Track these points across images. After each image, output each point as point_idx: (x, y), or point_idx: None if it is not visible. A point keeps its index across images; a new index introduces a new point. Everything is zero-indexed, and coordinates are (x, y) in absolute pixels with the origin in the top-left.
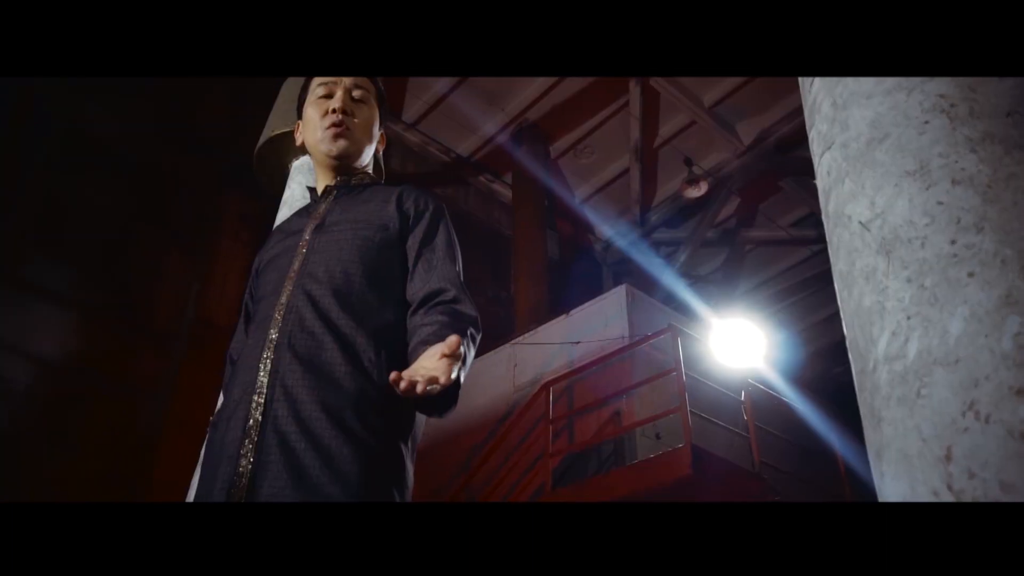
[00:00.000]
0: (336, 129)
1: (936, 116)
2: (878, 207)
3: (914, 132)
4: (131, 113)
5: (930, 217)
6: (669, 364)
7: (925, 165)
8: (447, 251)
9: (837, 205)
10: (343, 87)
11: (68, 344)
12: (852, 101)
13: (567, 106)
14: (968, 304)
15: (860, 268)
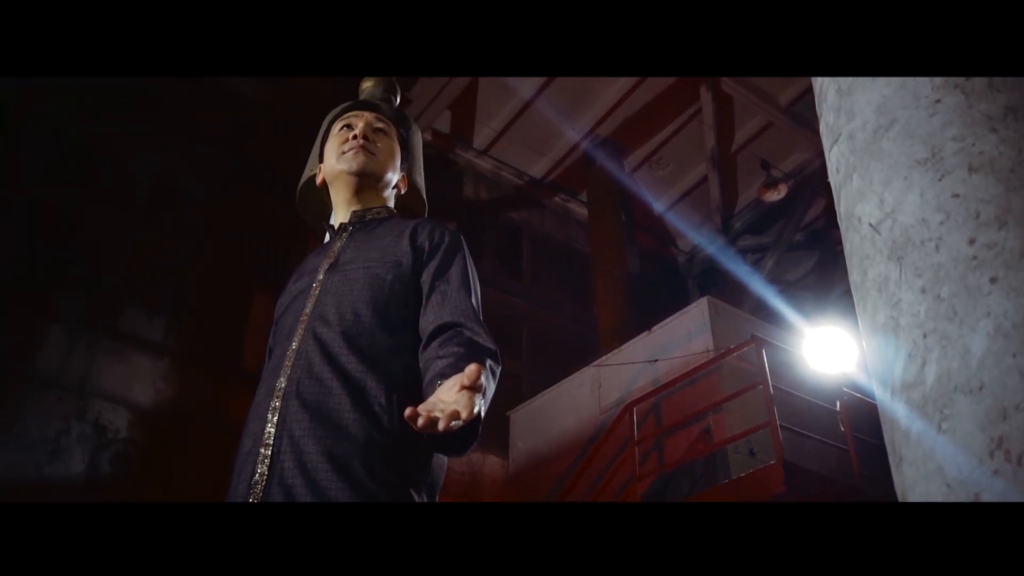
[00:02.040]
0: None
1: (949, 93)
2: (887, 205)
3: (924, 114)
4: (210, 162)
5: (944, 213)
6: (758, 376)
7: (937, 152)
8: (462, 283)
9: (847, 206)
10: (364, 119)
11: (163, 391)
12: (857, 85)
13: (638, 118)
14: (992, 317)
15: (872, 278)
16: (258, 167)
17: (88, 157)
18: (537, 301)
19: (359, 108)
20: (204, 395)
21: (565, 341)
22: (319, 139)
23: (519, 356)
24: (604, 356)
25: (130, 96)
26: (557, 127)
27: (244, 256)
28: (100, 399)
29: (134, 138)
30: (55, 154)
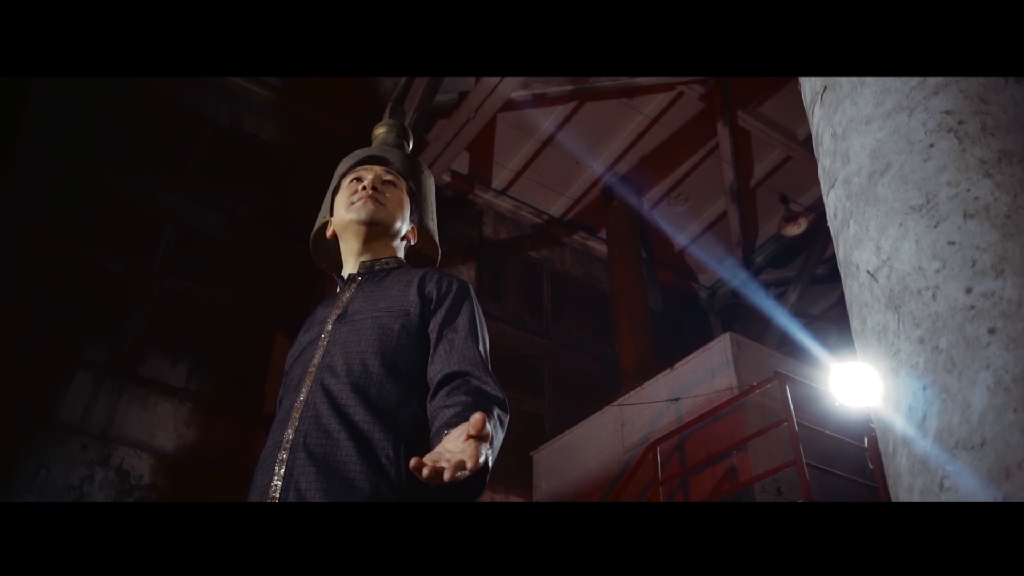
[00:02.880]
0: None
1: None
2: (884, 252)
3: (918, 159)
4: (233, 208)
5: (941, 261)
6: (783, 413)
7: (932, 198)
8: (470, 331)
9: (845, 252)
10: (374, 172)
11: (186, 436)
12: (851, 129)
13: (655, 155)
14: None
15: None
16: (279, 212)
17: (113, 205)
18: (558, 339)
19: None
20: (226, 440)
21: (587, 379)
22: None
23: (541, 395)
24: (626, 394)
25: (154, 144)
26: (575, 165)
27: (265, 301)
28: (123, 445)
29: (158, 186)
30: (80, 203)
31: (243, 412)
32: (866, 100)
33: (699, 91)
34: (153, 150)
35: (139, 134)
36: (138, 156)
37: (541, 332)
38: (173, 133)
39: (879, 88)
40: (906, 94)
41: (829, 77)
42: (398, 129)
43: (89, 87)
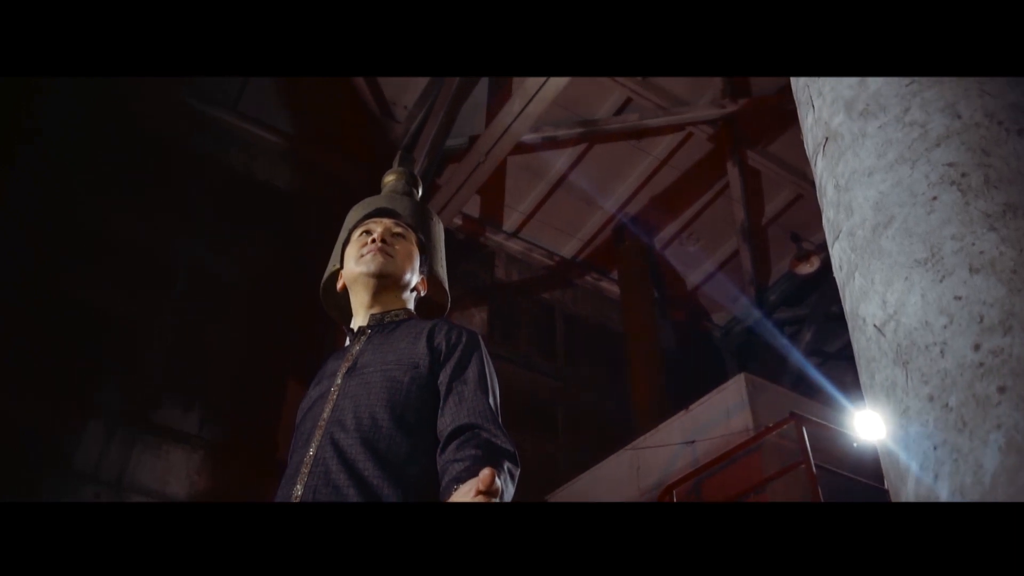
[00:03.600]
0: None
1: (946, 190)
2: (890, 306)
3: (922, 211)
4: (246, 252)
5: (948, 317)
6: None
7: (937, 251)
8: (479, 383)
9: (851, 305)
10: (383, 225)
11: (198, 483)
12: (854, 181)
13: (666, 196)
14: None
15: (880, 382)
16: (292, 258)
17: (125, 250)
18: (571, 380)
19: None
20: (238, 487)
21: (601, 420)
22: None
23: (555, 437)
24: (641, 437)
25: (166, 189)
26: (586, 207)
27: (278, 346)
28: (136, 493)
29: (171, 231)
30: (92, 248)
31: (255, 458)
32: (868, 152)
33: (708, 132)
34: (165, 195)
35: (152, 180)
36: (150, 201)
37: (554, 374)
38: (186, 178)
39: (881, 140)
40: (908, 146)
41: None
42: (407, 177)
43: (100, 132)
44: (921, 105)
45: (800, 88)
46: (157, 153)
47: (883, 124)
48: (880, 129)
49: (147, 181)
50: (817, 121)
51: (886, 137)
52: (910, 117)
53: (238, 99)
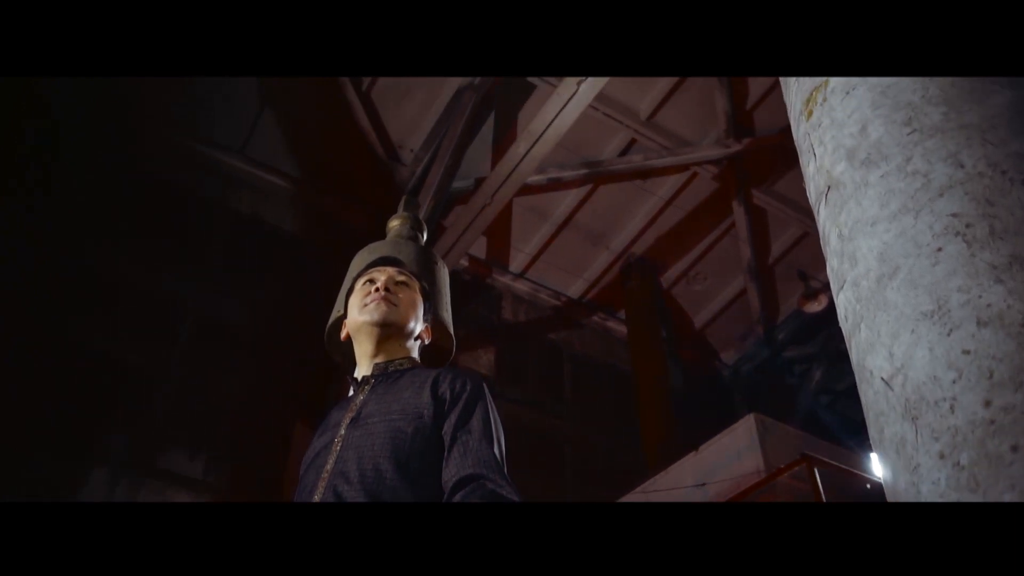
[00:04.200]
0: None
1: (950, 241)
2: (897, 359)
3: (927, 263)
4: (252, 297)
5: (956, 371)
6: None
7: (943, 304)
8: (484, 432)
9: (858, 357)
10: (387, 274)
11: None
12: (858, 230)
13: (672, 236)
14: (1016, 490)
15: (889, 437)
16: (298, 302)
17: (132, 295)
18: (580, 421)
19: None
20: None
21: (610, 460)
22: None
23: (563, 478)
24: (651, 479)
25: (173, 234)
26: (592, 248)
27: (285, 391)
28: None
29: (177, 276)
30: (99, 293)
31: (260, 501)
32: (871, 201)
33: (713, 171)
34: (173, 240)
35: (159, 225)
36: (158, 246)
37: (562, 414)
38: (193, 223)
39: (883, 189)
40: (911, 196)
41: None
42: (412, 221)
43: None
44: (923, 155)
45: (801, 136)
46: (165, 198)
47: (885, 173)
48: (882, 178)
49: (154, 226)
50: (819, 169)
51: (889, 187)
52: (912, 167)
53: (246, 144)
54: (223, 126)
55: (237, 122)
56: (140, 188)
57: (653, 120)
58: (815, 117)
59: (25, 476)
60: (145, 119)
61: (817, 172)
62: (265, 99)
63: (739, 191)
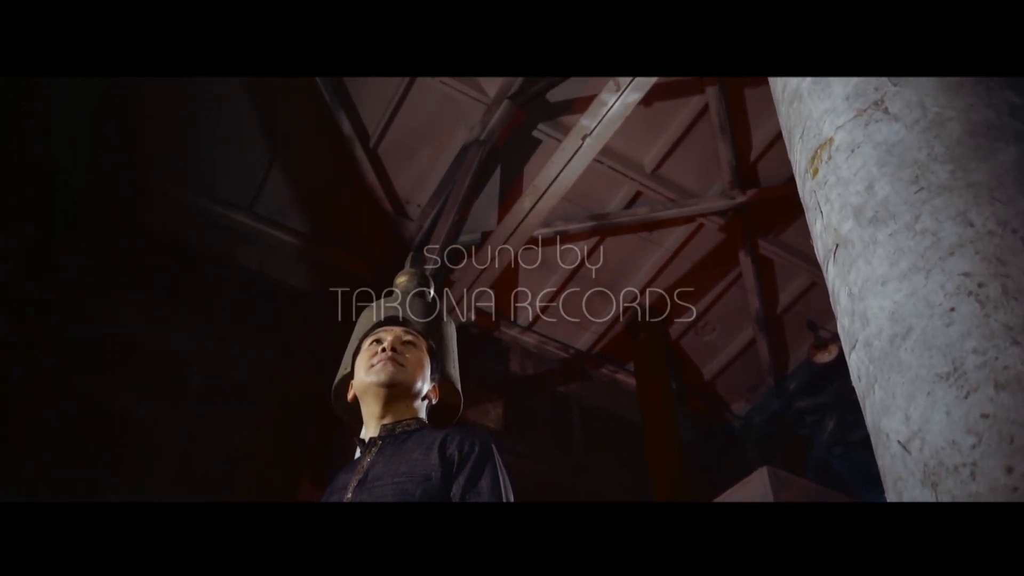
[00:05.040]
0: (385, 356)
1: (963, 301)
2: (914, 423)
3: (939, 323)
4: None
5: (975, 436)
6: None
7: (959, 366)
8: (493, 493)
9: (873, 418)
10: (393, 334)
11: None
12: (867, 290)
13: (679, 287)
14: None
15: (909, 502)
16: (306, 357)
17: (140, 352)
18: (590, 474)
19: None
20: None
21: None
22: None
23: None
24: None
25: (181, 289)
26: (599, 299)
27: (293, 447)
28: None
29: (185, 332)
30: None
31: None
32: (880, 260)
33: (718, 222)
34: (180, 297)
35: (167, 281)
36: (165, 303)
37: (572, 467)
38: (201, 280)
39: (892, 248)
40: (920, 254)
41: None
42: (419, 277)
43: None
44: (932, 213)
45: (807, 194)
46: (173, 255)
47: (894, 232)
48: (891, 237)
49: (162, 283)
50: (826, 227)
51: (898, 245)
52: (921, 225)
53: (254, 201)
54: (231, 183)
55: (245, 179)
56: (149, 245)
57: (658, 172)
58: (821, 175)
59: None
60: (152, 175)
61: (824, 230)
62: (273, 156)
63: (745, 242)
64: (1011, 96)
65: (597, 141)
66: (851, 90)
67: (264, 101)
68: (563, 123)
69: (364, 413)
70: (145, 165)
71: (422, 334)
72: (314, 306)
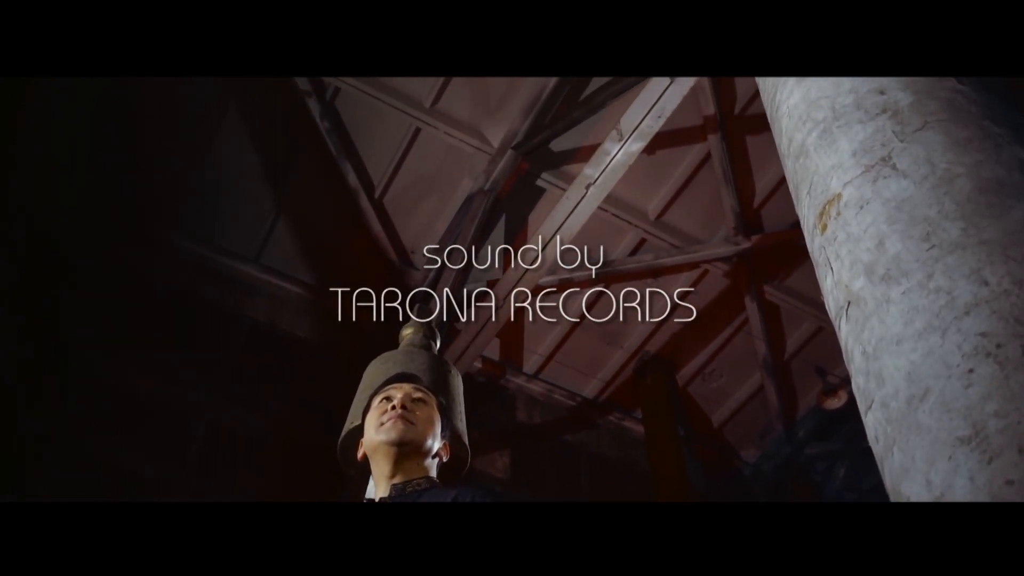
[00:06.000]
0: (395, 413)
1: (981, 362)
2: (935, 488)
3: (958, 385)
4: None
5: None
6: None
7: (981, 429)
8: None
9: (893, 482)
10: (403, 391)
11: None
12: (882, 349)
13: (685, 333)
14: None
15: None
16: (313, 409)
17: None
18: None
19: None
20: None
21: None
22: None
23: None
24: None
25: (188, 343)
26: (605, 347)
27: (299, 500)
28: None
29: (192, 386)
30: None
31: None
32: (894, 318)
33: (723, 268)
34: (187, 351)
35: (173, 335)
36: (172, 357)
37: None
38: (208, 333)
39: (906, 306)
40: (935, 314)
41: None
42: (425, 330)
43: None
44: (945, 271)
45: (816, 249)
46: (179, 307)
47: (907, 290)
48: (904, 295)
49: (168, 336)
50: (837, 284)
51: (912, 304)
52: (934, 283)
53: (260, 252)
54: (238, 235)
55: (252, 231)
56: (155, 298)
57: (662, 219)
58: (830, 231)
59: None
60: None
61: (835, 286)
62: (279, 207)
63: (751, 287)
64: (1020, 152)
65: (601, 190)
66: (857, 146)
67: (270, 152)
68: (566, 172)
69: (374, 472)
70: (151, 218)
71: (432, 391)
72: (321, 357)
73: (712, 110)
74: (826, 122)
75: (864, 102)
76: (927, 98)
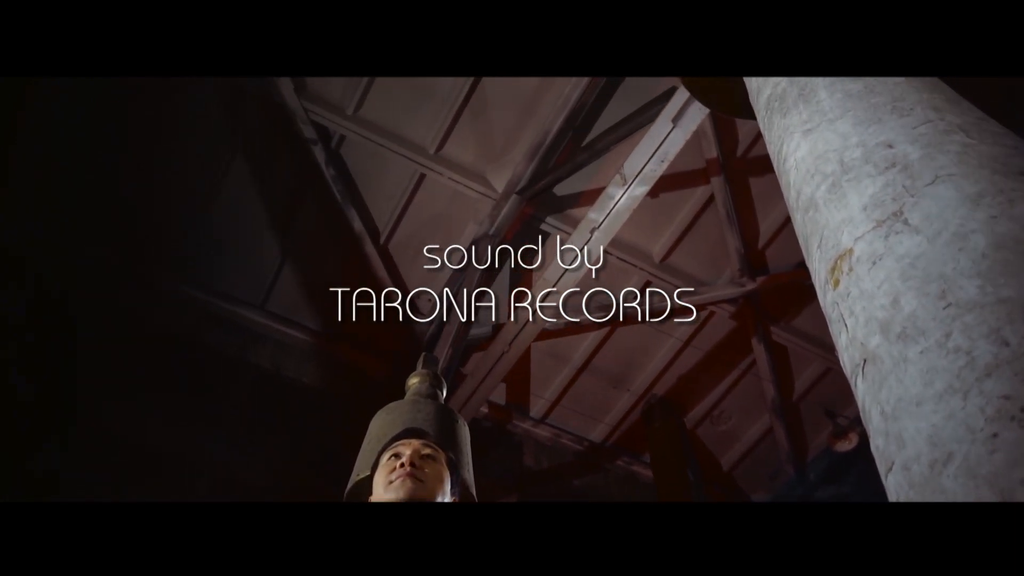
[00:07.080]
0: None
1: (1005, 426)
2: None
3: (983, 450)
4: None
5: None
6: None
7: (1009, 497)
8: None
9: None
10: (412, 447)
11: None
12: (902, 410)
13: (692, 375)
14: None
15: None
16: (319, 455)
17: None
18: None
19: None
20: None
21: None
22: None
23: None
24: None
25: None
26: (612, 391)
27: None
28: None
29: (197, 434)
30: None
31: None
32: (912, 379)
33: (730, 310)
34: (192, 398)
35: (178, 382)
36: (176, 405)
37: None
38: (213, 380)
39: (924, 367)
40: (955, 375)
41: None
42: (431, 379)
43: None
44: (963, 330)
45: (829, 305)
46: (184, 354)
47: (924, 350)
48: (922, 355)
49: (173, 384)
50: (852, 341)
51: (930, 364)
52: (953, 343)
53: (266, 299)
54: (243, 282)
55: (257, 278)
56: (158, 345)
57: (667, 262)
58: (842, 287)
59: None
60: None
61: (850, 344)
62: (284, 254)
63: (757, 329)
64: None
65: (605, 234)
66: (868, 200)
67: (275, 199)
68: (570, 216)
69: None
70: (156, 264)
71: (440, 446)
72: (326, 404)
73: (715, 153)
74: (835, 175)
75: (872, 155)
76: (936, 151)
